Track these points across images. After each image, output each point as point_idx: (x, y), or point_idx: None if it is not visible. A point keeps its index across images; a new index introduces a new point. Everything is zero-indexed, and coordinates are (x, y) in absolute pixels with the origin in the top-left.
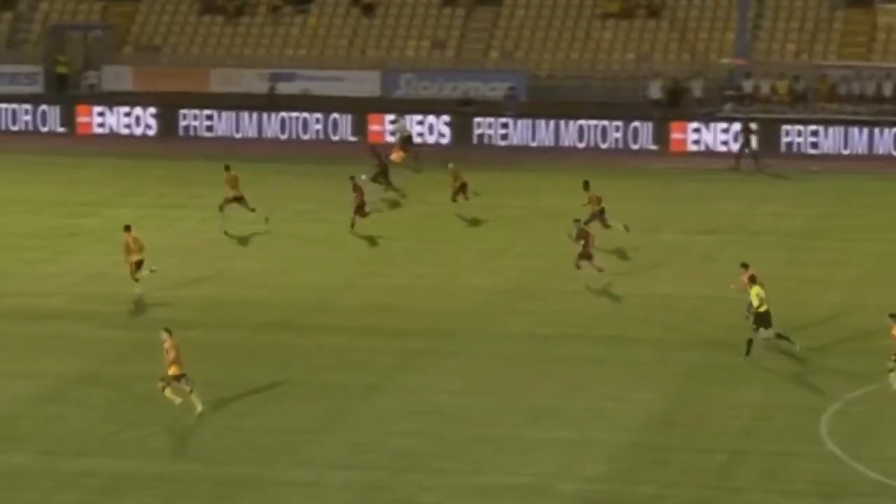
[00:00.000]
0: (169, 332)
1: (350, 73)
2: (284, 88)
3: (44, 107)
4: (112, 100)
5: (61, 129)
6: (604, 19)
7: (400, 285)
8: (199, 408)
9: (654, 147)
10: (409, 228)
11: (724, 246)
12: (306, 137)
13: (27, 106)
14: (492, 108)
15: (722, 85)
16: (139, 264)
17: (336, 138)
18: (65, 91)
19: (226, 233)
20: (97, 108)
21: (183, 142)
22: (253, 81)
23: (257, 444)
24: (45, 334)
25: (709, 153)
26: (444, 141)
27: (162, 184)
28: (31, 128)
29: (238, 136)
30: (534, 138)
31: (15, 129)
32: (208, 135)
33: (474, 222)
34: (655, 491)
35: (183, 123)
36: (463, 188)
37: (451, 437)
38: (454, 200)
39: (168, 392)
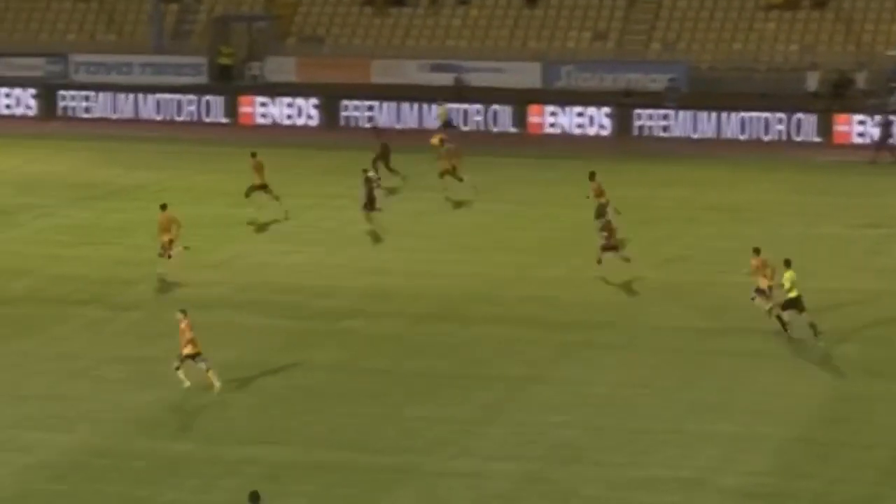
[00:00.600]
0: (184, 312)
1: (510, 64)
2: (442, 80)
3: (208, 97)
4: (275, 91)
5: (224, 120)
6: (767, 10)
7: (560, 277)
8: (217, 385)
9: (817, 139)
10: (569, 220)
11: (890, 240)
12: (466, 128)
13: (192, 96)
14: (653, 100)
15: (888, 76)
16: (171, 243)
17: (496, 129)
18: (228, 82)
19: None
20: (260, 99)
21: (344, 132)
22: (413, 72)
23: (418, 434)
24: (208, 323)
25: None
26: (605, 133)
27: (323, 174)
28: (195, 118)
29: (399, 126)
30: (695, 130)
31: (180, 119)
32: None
33: (637, 215)
34: (820, 487)
35: (344, 114)
36: (454, 170)
37: (611, 429)
38: (441, 177)
39: (180, 373)
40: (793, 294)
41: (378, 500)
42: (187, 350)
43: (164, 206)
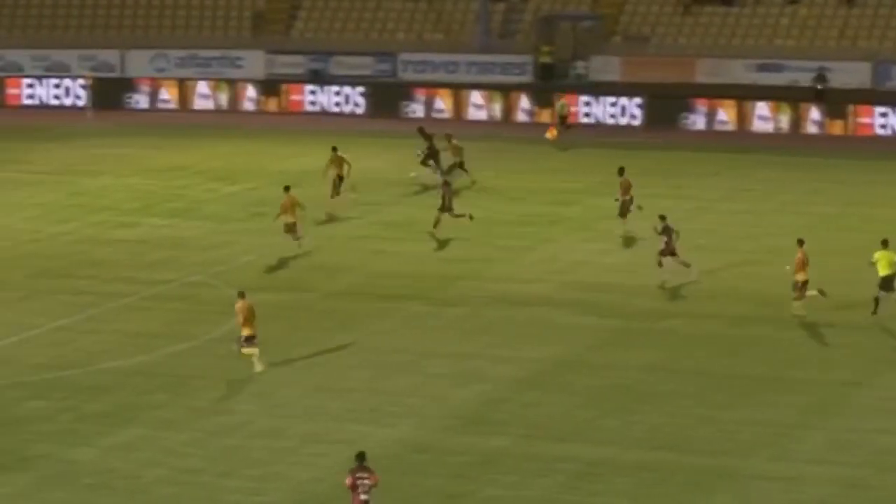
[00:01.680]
0: (242, 295)
1: (838, 63)
2: (769, 79)
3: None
4: (597, 90)
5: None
6: None
7: None
8: (259, 368)
9: None
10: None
11: None
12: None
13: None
14: None
15: None
16: (292, 227)
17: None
18: (550, 80)
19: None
20: (583, 98)
21: (667, 133)
22: (739, 71)
23: (735, 436)
24: (528, 320)
25: None
26: None
27: (645, 174)
28: (515, 117)
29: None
30: None
31: (498, 118)
32: (691, 127)
33: None
34: None
35: (668, 113)
36: (461, 164)
37: None
38: (448, 172)
39: (245, 350)
40: (885, 273)
41: (695, 501)
42: (245, 332)
43: (287, 188)
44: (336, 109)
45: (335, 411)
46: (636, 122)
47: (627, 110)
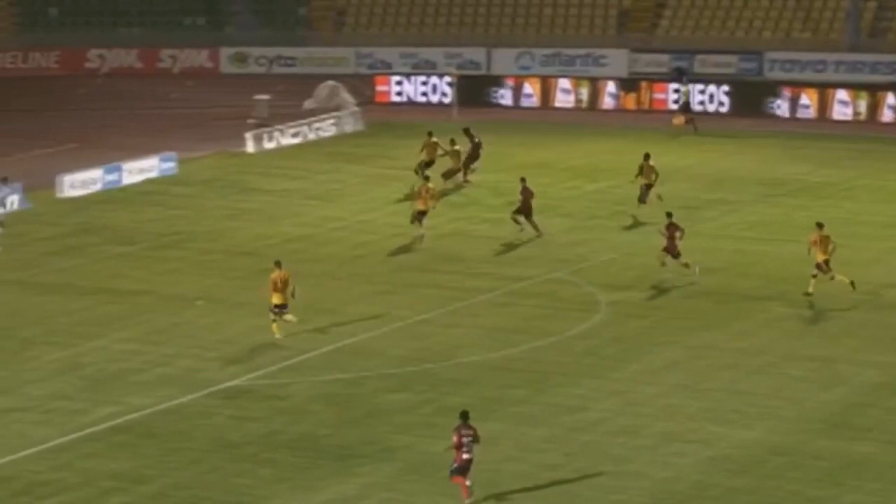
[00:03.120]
0: (278, 264)
1: None
2: None
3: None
4: None
5: None
6: None
7: None
8: (278, 335)
9: None
10: None
11: None
12: None
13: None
14: None
15: None
16: (420, 215)
17: None
18: None
19: None
20: None
21: None
22: None
23: None
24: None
25: None
26: None
27: None
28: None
29: None
30: None
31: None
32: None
33: None
34: None
35: None
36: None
37: None
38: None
39: (284, 318)
40: None
41: None
42: (275, 300)
43: (426, 178)
44: (699, 108)
45: (693, 411)
46: None
47: None
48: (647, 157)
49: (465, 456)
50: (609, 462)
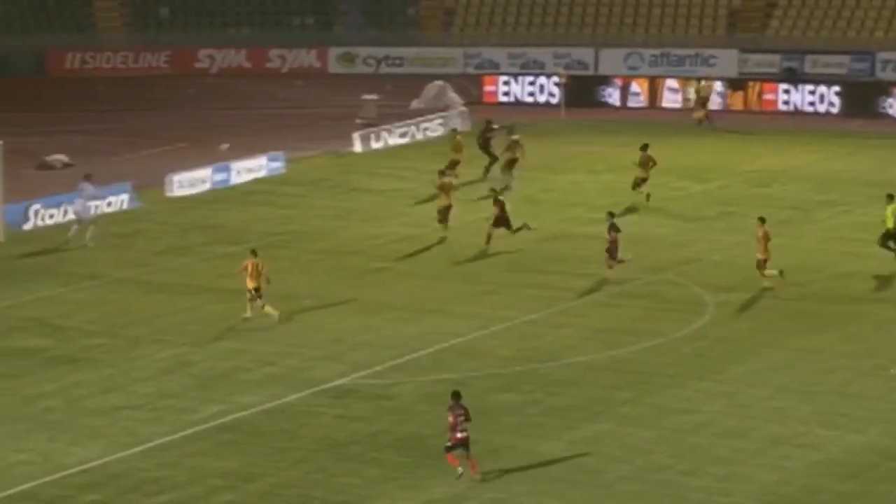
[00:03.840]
0: (254, 253)
1: None
2: None
3: None
4: None
5: None
6: None
7: None
8: (248, 314)
9: None
10: None
11: None
12: None
13: None
14: None
15: None
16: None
17: None
18: None
19: None
20: None
21: None
22: None
23: None
24: None
25: None
26: None
27: None
28: None
29: None
30: None
31: None
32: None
33: None
34: None
35: None
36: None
37: None
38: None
39: (264, 311)
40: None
41: None
42: (250, 284)
43: (441, 173)
44: (810, 109)
45: (802, 414)
46: None
47: None
48: (645, 147)
49: (459, 435)
50: (716, 464)
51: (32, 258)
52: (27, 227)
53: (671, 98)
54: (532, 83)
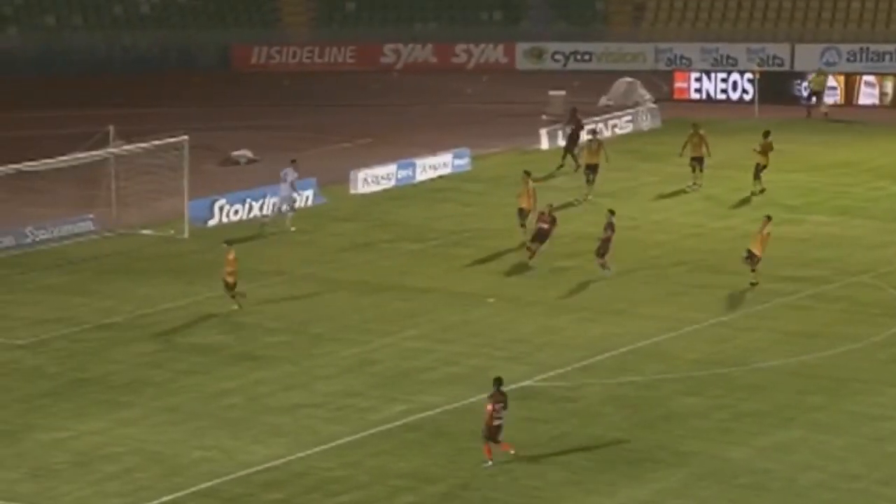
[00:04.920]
0: (228, 243)
1: None
2: None
3: None
4: None
5: None
6: None
7: None
8: (235, 307)
9: None
10: None
11: None
12: None
13: None
14: None
15: None
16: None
17: None
18: None
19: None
20: None
21: None
22: None
23: None
24: None
25: None
26: None
27: None
28: None
29: None
30: None
31: None
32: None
33: None
34: None
35: None
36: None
37: None
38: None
39: (234, 302)
40: None
41: None
42: (229, 279)
43: (527, 173)
44: None
45: None
46: None
47: None
48: (766, 134)
49: (495, 423)
50: None
51: (216, 255)
52: (212, 223)
53: (868, 93)
54: (724, 80)
